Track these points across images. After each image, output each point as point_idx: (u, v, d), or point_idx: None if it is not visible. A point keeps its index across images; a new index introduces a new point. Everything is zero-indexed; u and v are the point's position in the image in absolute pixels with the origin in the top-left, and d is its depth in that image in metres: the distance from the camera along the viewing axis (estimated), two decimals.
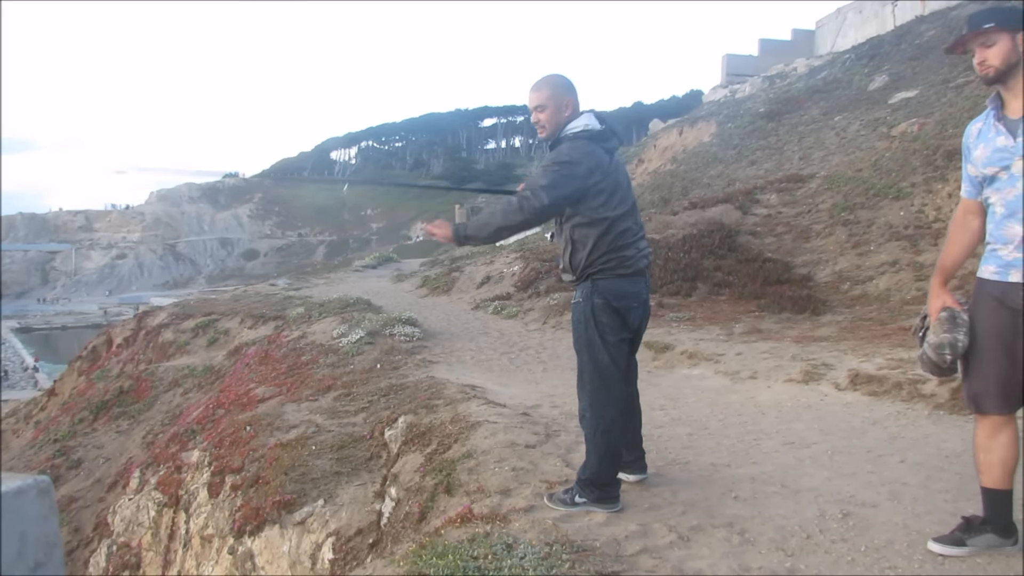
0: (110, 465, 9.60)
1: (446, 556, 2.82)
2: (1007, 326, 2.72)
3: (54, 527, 0.85)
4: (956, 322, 2.85)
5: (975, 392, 2.83)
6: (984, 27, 2.67)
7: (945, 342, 2.84)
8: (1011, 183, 2.70)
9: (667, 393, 6.20)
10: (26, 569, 0.81)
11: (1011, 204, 2.70)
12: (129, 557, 6.81)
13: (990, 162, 2.77)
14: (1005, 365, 2.73)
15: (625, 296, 3.50)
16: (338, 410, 6.37)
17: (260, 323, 12.16)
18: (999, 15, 2.67)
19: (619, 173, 3.61)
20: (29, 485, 0.83)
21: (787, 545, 3.00)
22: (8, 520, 0.80)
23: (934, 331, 2.90)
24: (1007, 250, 2.73)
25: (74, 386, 13.55)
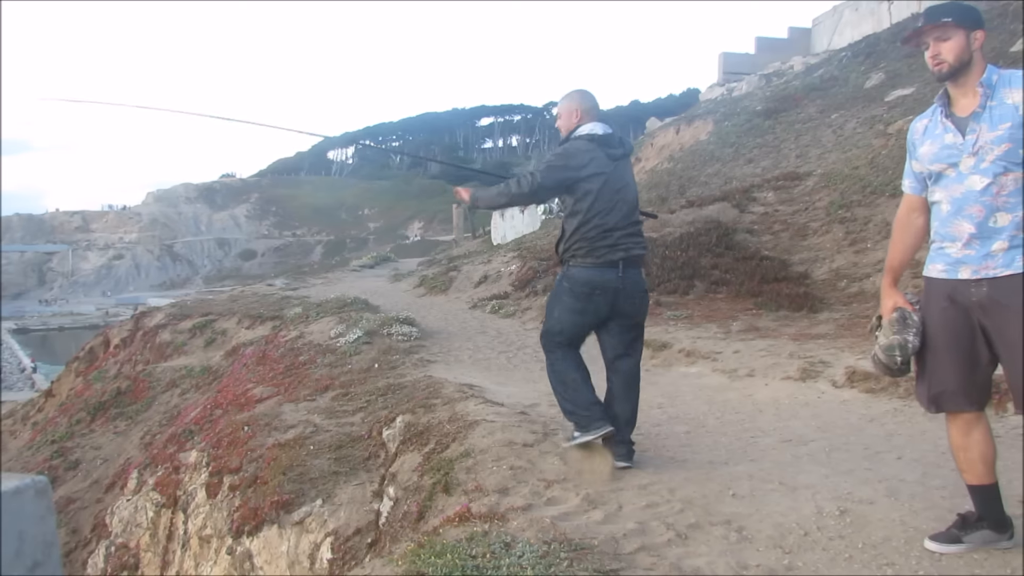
0: (108, 466, 9.59)
1: (444, 555, 2.83)
2: (960, 324, 2.74)
3: (52, 527, 0.85)
4: (907, 323, 2.87)
5: (936, 393, 2.85)
6: (941, 20, 2.69)
7: (895, 344, 2.87)
8: (958, 180, 2.73)
9: (665, 391, 6.21)
10: (24, 568, 0.81)
11: (958, 201, 2.73)
12: (127, 558, 6.81)
13: (937, 159, 2.79)
14: (962, 363, 2.76)
15: (588, 283, 4.02)
16: (336, 410, 6.37)
17: (258, 323, 12.15)
18: (957, 11, 2.71)
19: (617, 178, 4.09)
20: (27, 485, 0.83)
21: (785, 542, 3.01)
22: (6, 520, 0.80)
23: (884, 333, 2.93)
24: (955, 247, 2.75)
25: (71, 387, 13.53)
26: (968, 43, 2.69)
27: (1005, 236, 2.63)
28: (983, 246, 2.67)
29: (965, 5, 2.76)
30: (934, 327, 2.82)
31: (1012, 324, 2.61)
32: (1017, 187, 2.63)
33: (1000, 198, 2.64)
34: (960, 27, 2.68)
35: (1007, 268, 2.63)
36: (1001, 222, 2.64)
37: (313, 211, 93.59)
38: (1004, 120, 2.63)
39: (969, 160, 2.69)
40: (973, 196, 2.68)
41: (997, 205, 2.64)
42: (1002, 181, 2.64)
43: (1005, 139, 2.62)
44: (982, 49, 2.72)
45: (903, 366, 2.90)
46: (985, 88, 2.68)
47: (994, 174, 2.64)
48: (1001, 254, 2.63)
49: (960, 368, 2.77)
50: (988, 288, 2.66)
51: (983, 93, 2.68)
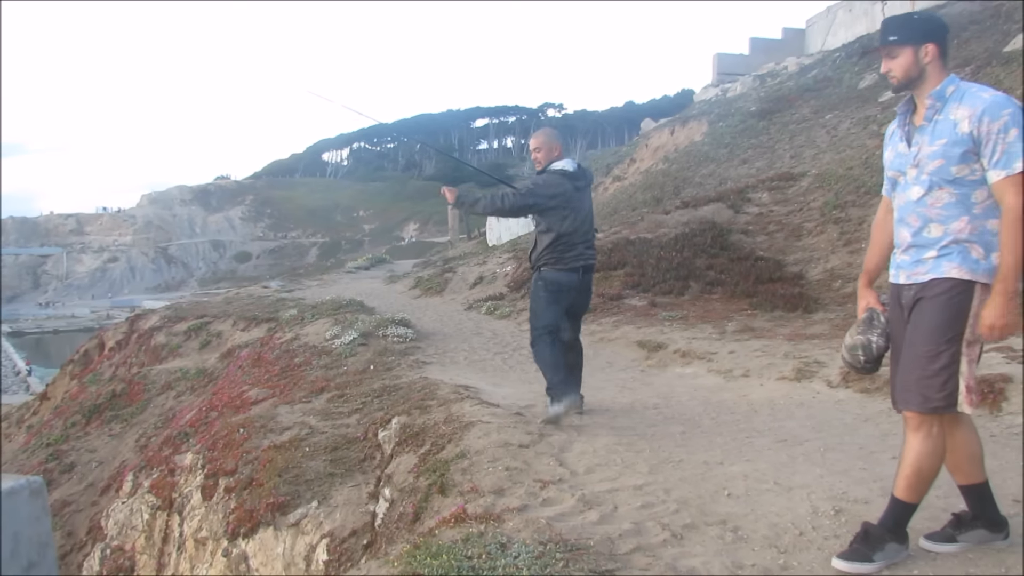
0: (103, 469, 9.56)
1: (440, 556, 2.83)
2: (903, 326, 2.80)
3: (47, 527, 0.85)
4: (872, 324, 2.95)
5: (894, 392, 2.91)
6: (888, 40, 2.76)
7: (858, 344, 2.95)
8: (904, 188, 2.81)
9: (660, 392, 6.22)
10: (19, 569, 0.81)
11: (901, 209, 2.82)
12: (123, 560, 6.79)
13: (891, 166, 2.90)
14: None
15: (557, 283, 5.19)
16: (331, 412, 6.36)
17: (253, 325, 12.13)
18: (903, 28, 2.76)
19: (581, 202, 5.26)
20: (22, 486, 0.83)
21: (780, 542, 3.02)
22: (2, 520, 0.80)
23: (850, 333, 3.01)
24: (898, 252, 2.84)
25: (66, 390, 13.49)
26: (916, 58, 2.72)
27: (936, 247, 2.69)
28: (917, 254, 2.75)
29: (915, 20, 2.80)
30: (894, 331, 2.90)
31: (915, 320, 2.71)
32: (951, 200, 2.67)
33: (933, 210, 2.70)
34: (906, 44, 2.72)
35: (932, 273, 2.70)
36: (934, 233, 2.70)
37: (308, 213, 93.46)
38: (941, 136, 2.67)
39: (912, 171, 2.77)
40: (911, 206, 2.76)
41: (930, 216, 2.71)
42: (936, 194, 2.69)
43: (939, 155, 2.67)
44: (940, 59, 2.73)
45: (868, 364, 2.96)
46: (935, 101, 2.72)
47: (928, 187, 2.71)
48: (930, 261, 2.71)
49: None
50: (915, 291, 2.74)
51: (931, 106, 2.73)
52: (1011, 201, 2.56)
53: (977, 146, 2.61)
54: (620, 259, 12.22)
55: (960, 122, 2.63)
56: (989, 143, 2.59)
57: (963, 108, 2.64)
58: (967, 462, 2.86)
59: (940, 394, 2.62)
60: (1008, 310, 2.56)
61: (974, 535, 2.86)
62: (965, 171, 2.64)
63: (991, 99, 2.62)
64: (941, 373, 2.63)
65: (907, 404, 2.71)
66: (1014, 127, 2.56)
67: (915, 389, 2.67)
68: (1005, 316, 2.56)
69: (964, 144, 2.62)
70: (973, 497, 2.89)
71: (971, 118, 2.61)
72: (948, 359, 2.63)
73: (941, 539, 2.89)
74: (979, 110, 2.60)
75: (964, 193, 2.65)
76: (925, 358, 2.65)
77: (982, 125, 2.59)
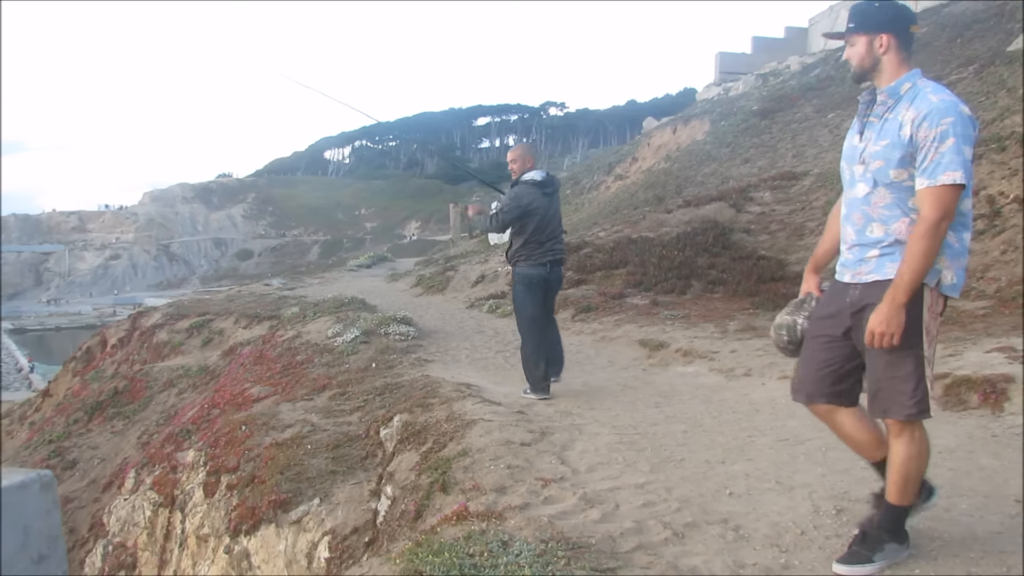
0: (105, 465, 9.58)
1: (442, 554, 2.83)
2: (832, 322, 2.79)
3: (57, 521, 0.85)
4: (802, 306, 2.94)
5: (795, 381, 2.94)
6: (848, 27, 2.70)
7: (783, 323, 2.94)
8: (851, 184, 2.77)
9: (661, 391, 6.22)
10: (29, 562, 0.82)
11: (848, 206, 2.79)
12: (125, 557, 6.80)
13: (844, 157, 2.85)
14: (821, 358, 2.81)
15: (530, 277, 5.99)
16: (333, 409, 6.37)
17: (255, 323, 12.15)
18: (861, 16, 2.68)
19: (549, 207, 6.05)
20: (32, 479, 0.83)
21: (781, 541, 3.02)
22: (11, 514, 0.80)
23: (782, 311, 3.00)
24: (844, 248, 2.81)
25: (68, 387, 13.51)
26: (871, 48, 2.65)
27: (878, 247, 2.66)
28: (860, 253, 2.72)
29: (875, 8, 2.67)
30: (813, 319, 2.87)
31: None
32: (892, 201, 2.63)
33: (876, 209, 2.67)
34: (861, 33, 2.66)
35: (876, 274, 2.67)
36: (876, 233, 2.67)
37: (310, 211, 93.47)
38: (886, 137, 2.62)
39: (859, 167, 2.72)
40: (857, 203, 2.73)
41: (873, 216, 2.68)
42: (879, 193, 2.65)
43: (881, 156, 2.62)
44: (898, 51, 2.64)
45: (790, 345, 2.94)
46: (887, 98, 2.65)
47: (873, 185, 2.66)
48: (873, 260, 2.68)
49: (814, 363, 2.82)
50: (859, 292, 2.70)
51: (883, 102, 2.66)
52: (926, 212, 2.50)
53: (915, 151, 2.54)
54: (622, 258, 12.22)
55: (904, 125, 2.56)
56: (923, 149, 2.52)
57: (911, 110, 2.57)
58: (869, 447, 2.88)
59: (912, 400, 2.59)
60: (891, 319, 2.51)
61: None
62: (903, 175, 2.58)
63: (937, 104, 2.52)
64: (910, 379, 2.59)
65: (885, 413, 2.67)
66: (951, 137, 2.47)
67: (889, 397, 2.63)
68: (886, 324, 2.52)
69: (904, 148, 2.56)
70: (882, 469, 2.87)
71: (913, 122, 2.54)
72: (914, 363, 2.59)
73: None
74: (922, 114, 2.53)
75: (901, 197, 2.61)
76: (886, 365, 2.61)
77: (920, 130, 2.52)
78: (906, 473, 2.68)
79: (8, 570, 0.81)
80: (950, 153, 2.46)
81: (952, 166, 2.46)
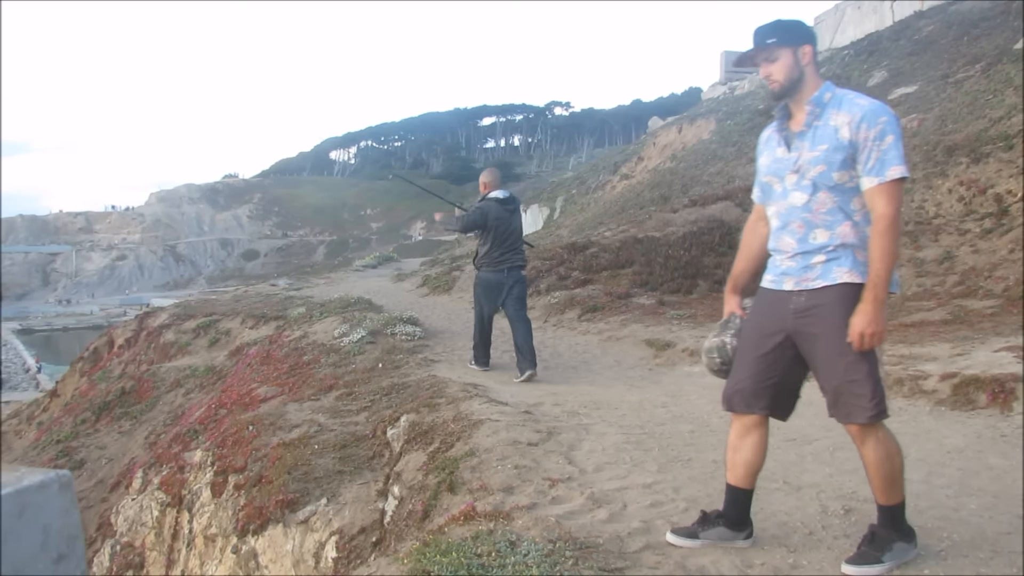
0: (113, 465, 9.61)
1: (450, 554, 2.83)
2: (769, 332, 2.81)
3: (76, 520, 0.86)
4: (727, 326, 2.98)
5: (730, 392, 2.93)
6: (767, 43, 2.74)
7: (713, 346, 2.98)
8: (783, 195, 2.80)
9: (668, 391, 6.22)
10: (49, 561, 0.82)
11: (783, 216, 2.81)
12: (133, 557, 6.82)
13: (768, 171, 2.87)
14: (761, 368, 2.83)
15: (488, 281, 7.18)
16: (340, 409, 6.37)
17: (261, 323, 12.17)
18: (780, 31, 2.74)
19: (510, 222, 7.18)
20: (51, 479, 0.84)
21: (789, 541, 3.02)
22: (31, 513, 0.81)
23: (709, 335, 3.04)
24: (782, 259, 2.83)
25: (76, 387, 13.56)
26: (796, 60, 2.72)
27: (823, 252, 2.69)
28: (804, 260, 2.74)
29: (789, 23, 2.79)
30: (746, 332, 2.90)
31: (821, 332, 2.68)
32: (834, 205, 2.68)
33: (818, 215, 2.70)
34: (785, 46, 2.72)
35: (823, 280, 2.70)
36: (820, 238, 2.71)
37: (315, 211, 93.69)
38: (823, 142, 2.67)
39: (792, 176, 2.75)
40: (795, 212, 2.75)
41: (816, 222, 2.71)
42: (820, 198, 2.69)
43: (820, 160, 2.67)
44: (815, 63, 2.74)
45: (724, 367, 2.97)
46: (814, 107, 2.72)
47: (812, 192, 2.70)
48: (819, 266, 2.71)
49: (754, 373, 2.84)
50: (806, 298, 2.73)
51: (810, 111, 2.72)
52: (882, 209, 2.57)
53: (855, 152, 2.61)
54: (628, 257, 12.22)
55: (840, 128, 2.63)
56: (865, 150, 2.60)
57: (842, 114, 2.64)
58: (742, 466, 2.93)
59: (871, 403, 2.62)
60: (877, 317, 2.57)
61: (715, 532, 2.96)
62: (845, 177, 2.64)
63: (869, 106, 2.63)
64: (867, 382, 2.62)
65: (846, 418, 2.71)
66: (890, 134, 2.58)
67: (849, 401, 2.67)
68: (874, 324, 2.57)
69: (845, 150, 2.62)
70: (732, 498, 2.97)
71: (850, 124, 2.61)
72: (869, 366, 2.63)
73: (685, 535, 2.99)
74: (858, 117, 2.61)
75: (844, 200, 2.66)
76: (844, 370, 2.64)
77: (860, 132, 2.60)
78: (886, 474, 2.71)
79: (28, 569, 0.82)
80: (892, 150, 2.57)
81: (896, 161, 2.57)
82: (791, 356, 2.78)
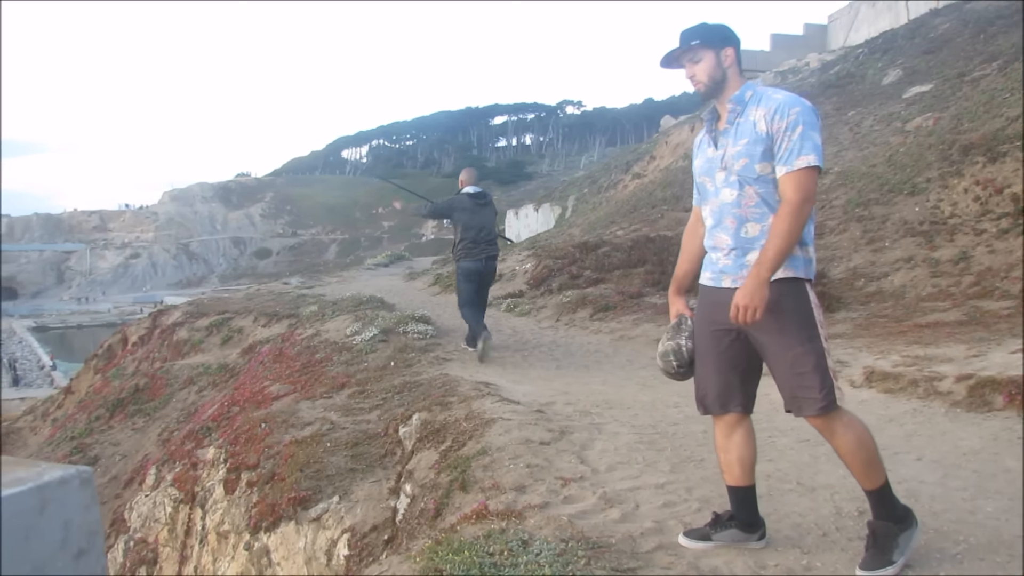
0: (126, 462, 9.67)
1: (462, 552, 2.83)
2: (721, 330, 2.84)
3: (96, 516, 0.86)
4: (680, 328, 3.02)
5: (700, 395, 2.98)
6: (691, 44, 2.81)
7: (669, 350, 3.02)
8: (715, 193, 2.86)
9: (681, 390, 6.17)
10: (69, 557, 0.82)
11: (716, 214, 2.86)
12: (146, 553, 6.86)
13: (701, 172, 2.95)
14: (721, 367, 2.88)
15: (467, 269, 8.08)
16: (352, 407, 6.39)
17: (274, 321, 12.21)
18: (704, 33, 2.83)
19: (483, 216, 8.14)
20: (72, 475, 0.84)
21: (803, 543, 3.00)
22: (52, 509, 0.81)
23: (662, 340, 3.07)
24: (718, 256, 2.87)
25: (90, 384, 13.65)
26: (718, 61, 2.80)
27: (758, 245, 2.73)
28: (740, 256, 2.79)
29: (713, 26, 2.88)
30: (699, 333, 2.95)
31: (765, 328, 2.70)
32: (760, 199, 2.74)
33: (748, 209, 2.77)
34: (709, 48, 2.80)
35: None
36: (752, 232, 2.76)
37: (327, 210, 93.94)
38: (743, 136, 2.75)
39: (721, 174, 2.83)
40: (727, 208, 2.82)
41: (746, 216, 2.77)
42: (748, 193, 2.76)
43: (743, 154, 2.74)
44: (737, 65, 2.83)
45: (681, 369, 3.02)
46: (735, 105, 2.80)
47: (739, 187, 2.77)
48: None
49: (719, 372, 2.89)
50: None
51: (732, 109, 2.80)
52: (789, 195, 2.64)
53: (772, 143, 2.69)
54: (640, 257, 12.19)
55: (758, 122, 2.72)
56: (778, 140, 2.68)
57: (760, 109, 2.73)
58: (737, 464, 2.96)
59: (821, 394, 2.67)
60: (753, 293, 2.60)
61: (728, 534, 2.95)
62: (767, 169, 2.71)
63: (783, 99, 2.71)
64: (815, 373, 2.67)
65: (800, 411, 2.76)
66: (800, 125, 2.65)
67: (800, 395, 2.71)
68: (747, 297, 2.60)
69: (763, 142, 2.70)
70: (736, 498, 2.98)
71: (766, 117, 2.70)
72: (816, 358, 2.68)
73: (697, 537, 2.99)
74: (772, 109, 2.69)
75: (768, 192, 2.73)
76: (791, 364, 2.70)
77: (774, 123, 2.68)
78: (863, 459, 2.73)
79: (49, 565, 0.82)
80: (801, 139, 2.64)
81: (805, 150, 2.63)
82: (749, 348, 2.83)
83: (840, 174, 13.78)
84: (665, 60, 2.93)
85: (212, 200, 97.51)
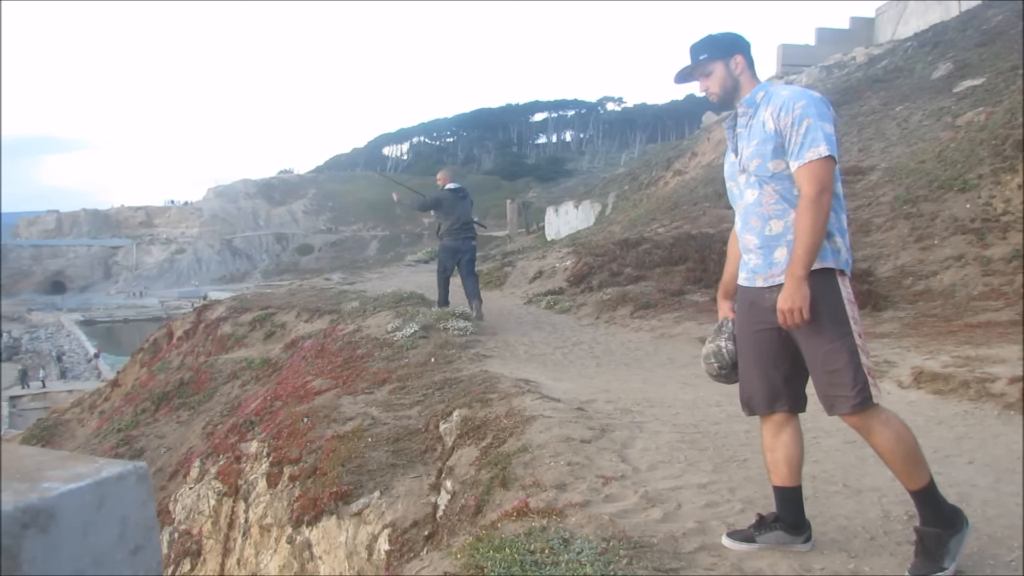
0: (171, 455, 9.85)
1: (503, 550, 2.83)
2: (761, 329, 2.82)
3: (152, 512, 0.87)
4: (721, 330, 3.04)
5: (746, 397, 2.95)
6: (699, 59, 2.84)
7: (710, 352, 3.04)
8: (740, 196, 2.89)
9: (723, 389, 6.09)
10: (126, 553, 0.83)
11: (743, 216, 2.89)
12: (190, 544, 6.98)
13: (727, 177, 3.00)
14: (764, 367, 2.85)
15: (449, 248, 9.84)
16: (393, 403, 6.42)
17: (316, 317, 12.34)
18: (711, 46, 2.87)
19: (462, 207, 9.79)
20: (129, 471, 0.85)
21: (850, 546, 2.95)
22: (110, 505, 0.82)
23: (706, 343, 3.10)
24: (749, 256, 2.87)
25: (136, 377, 13.93)
26: (729, 71, 2.85)
27: (783, 242, 2.75)
28: (767, 254, 2.81)
29: (719, 36, 2.90)
30: (740, 334, 2.95)
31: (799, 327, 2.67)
32: (780, 196, 2.75)
33: (769, 207, 2.78)
34: (717, 59, 2.84)
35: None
36: (775, 229, 2.77)
37: (368, 206, 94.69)
38: (755, 137, 2.79)
39: (742, 176, 2.87)
40: (751, 209, 2.85)
41: (768, 214, 2.79)
42: (767, 191, 2.78)
43: (756, 154, 2.78)
44: (749, 69, 2.86)
45: (723, 371, 3.03)
46: (747, 108, 2.85)
47: (759, 187, 2.80)
48: (783, 261, 2.74)
49: (763, 372, 2.87)
50: (777, 294, 2.73)
51: (744, 112, 2.86)
52: (805, 189, 2.63)
53: (782, 140, 2.71)
54: (682, 254, 12.09)
55: (767, 120, 2.74)
56: (787, 135, 2.69)
57: (768, 108, 2.76)
58: (784, 464, 2.92)
59: (854, 391, 2.63)
60: (794, 295, 2.59)
61: (772, 536, 2.91)
62: (781, 166, 2.72)
63: (788, 95, 2.73)
64: (848, 370, 2.64)
65: (832, 410, 2.73)
66: (806, 118, 2.65)
67: (832, 393, 2.68)
68: (790, 300, 2.60)
69: (773, 140, 2.72)
70: (782, 498, 2.94)
71: (773, 115, 2.72)
72: (848, 354, 2.64)
73: (741, 538, 2.95)
74: (778, 106, 2.72)
75: (785, 188, 2.74)
76: (823, 360, 2.68)
77: (780, 120, 2.70)
78: (903, 456, 2.68)
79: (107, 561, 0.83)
80: (810, 132, 2.64)
81: (814, 143, 2.63)
82: (792, 346, 2.80)
83: (887, 170, 13.50)
84: (679, 77, 2.97)
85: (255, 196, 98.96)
